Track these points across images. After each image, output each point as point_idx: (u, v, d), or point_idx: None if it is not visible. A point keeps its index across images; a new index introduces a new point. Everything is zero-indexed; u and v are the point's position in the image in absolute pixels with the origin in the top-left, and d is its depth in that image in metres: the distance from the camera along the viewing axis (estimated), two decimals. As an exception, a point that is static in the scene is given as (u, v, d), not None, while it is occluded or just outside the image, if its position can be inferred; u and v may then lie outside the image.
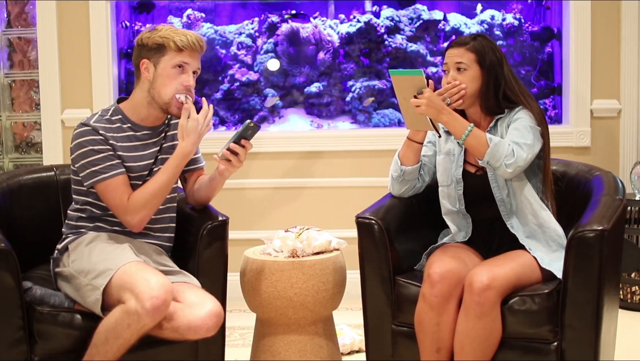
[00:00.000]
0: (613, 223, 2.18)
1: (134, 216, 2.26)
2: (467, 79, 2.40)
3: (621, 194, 2.35)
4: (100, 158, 2.26)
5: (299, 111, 4.10)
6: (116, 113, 2.36)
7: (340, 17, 4.08)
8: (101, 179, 2.25)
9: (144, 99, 2.34)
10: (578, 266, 2.16)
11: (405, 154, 2.51)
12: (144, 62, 2.32)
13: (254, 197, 3.89)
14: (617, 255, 2.34)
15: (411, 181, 2.54)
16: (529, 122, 2.36)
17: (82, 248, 2.28)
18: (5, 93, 4.07)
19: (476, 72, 2.41)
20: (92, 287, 2.15)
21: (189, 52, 2.30)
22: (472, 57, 2.41)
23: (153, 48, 2.30)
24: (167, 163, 2.30)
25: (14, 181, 2.64)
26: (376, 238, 2.42)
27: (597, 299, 2.14)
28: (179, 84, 2.30)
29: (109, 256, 2.20)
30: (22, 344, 2.18)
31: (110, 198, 2.26)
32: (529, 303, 2.20)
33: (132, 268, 2.13)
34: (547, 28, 4.02)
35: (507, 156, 2.25)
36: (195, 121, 2.26)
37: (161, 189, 2.28)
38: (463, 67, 2.41)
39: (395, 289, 2.40)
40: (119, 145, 2.31)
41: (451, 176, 2.48)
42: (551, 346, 2.21)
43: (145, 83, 2.33)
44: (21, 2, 4.03)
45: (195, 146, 2.30)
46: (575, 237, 2.16)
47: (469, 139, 2.28)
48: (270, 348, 2.52)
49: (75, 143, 2.29)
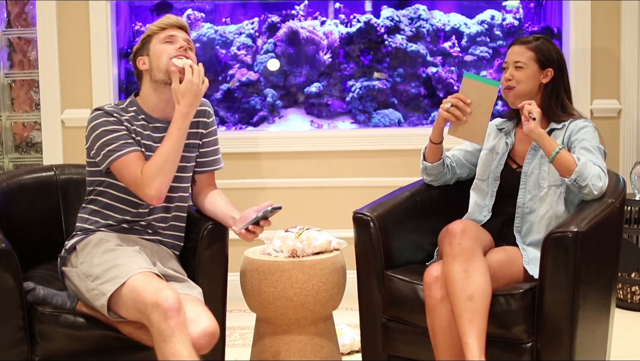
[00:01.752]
0: (592, 225, 2.17)
1: (151, 186, 2.23)
2: (524, 76, 2.45)
3: (615, 197, 2.33)
4: (114, 137, 2.28)
5: (299, 111, 4.10)
6: (132, 105, 2.40)
7: (341, 17, 4.08)
8: (116, 157, 2.26)
9: (149, 89, 2.39)
10: (553, 267, 2.16)
11: (428, 151, 2.61)
12: (139, 60, 2.40)
13: (254, 197, 3.89)
14: (606, 256, 2.33)
15: (436, 174, 2.64)
16: (597, 142, 2.40)
17: (90, 248, 2.27)
18: (5, 93, 4.07)
19: (534, 71, 2.46)
20: (100, 292, 2.14)
21: (171, 28, 2.39)
22: (532, 56, 2.46)
23: (141, 45, 2.42)
24: (170, 128, 2.30)
25: (14, 181, 2.64)
26: (371, 234, 2.45)
27: (572, 301, 2.14)
28: (171, 50, 2.35)
29: (117, 262, 2.18)
30: (23, 344, 2.18)
31: (126, 175, 2.26)
32: (503, 303, 2.20)
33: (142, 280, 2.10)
34: (547, 28, 4.02)
35: (594, 177, 2.27)
36: (189, 83, 2.27)
37: (170, 153, 2.27)
38: (520, 65, 2.45)
39: (386, 283, 2.42)
40: (133, 129, 2.33)
41: (490, 172, 2.53)
42: (526, 345, 2.21)
43: (146, 75, 2.39)
44: (21, 2, 4.03)
45: (192, 107, 2.29)
46: (550, 238, 2.16)
47: (559, 157, 2.30)
48: (270, 348, 2.52)
49: (89, 128, 2.32)
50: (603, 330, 2.35)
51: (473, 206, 2.58)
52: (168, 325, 1.99)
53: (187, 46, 2.37)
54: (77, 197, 2.69)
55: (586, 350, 2.24)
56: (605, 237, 2.31)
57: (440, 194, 2.72)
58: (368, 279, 2.47)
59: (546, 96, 2.47)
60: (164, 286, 2.06)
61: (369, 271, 2.46)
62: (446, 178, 2.67)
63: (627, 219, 3.53)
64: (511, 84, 2.47)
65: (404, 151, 3.87)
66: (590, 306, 2.23)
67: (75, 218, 2.44)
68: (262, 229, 2.32)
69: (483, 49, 4.04)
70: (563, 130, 2.45)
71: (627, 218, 3.53)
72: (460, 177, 2.71)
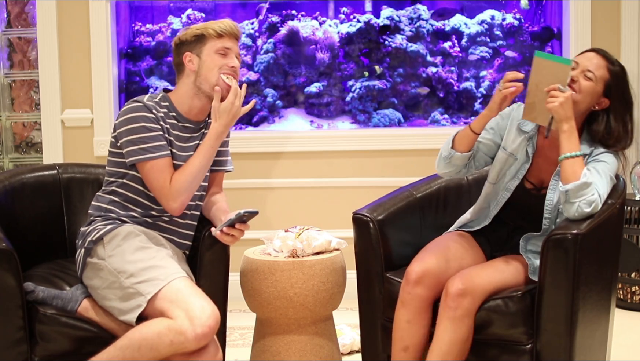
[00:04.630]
0: (592, 226, 2.15)
1: (177, 200, 2.26)
2: (588, 89, 2.25)
3: (615, 197, 2.31)
4: (150, 137, 2.26)
5: (299, 111, 4.10)
6: (164, 100, 2.37)
7: (341, 17, 4.08)
8: (148, 158, 2.25)
9: (190, 91, 2.36)
10: (552, 269, 2.15)
11: (460, 139, 2.37)
12: (187, 55, 2.35)
13: (254, 197, 3.89)
14: (606, 257, 2.32)
15: (458, 165, 2.41)
16: (612, 170, 2.26)
17: (119, 241, 2.24)
18: (5, 93, 4.07)
19: (598, 91, 2.27)
20: (136, 292, 2.11)
21: (228, 37, 2.36)
22: (605, 77, 2.27)
23: (193, 40, 2.35)
24: (202, 145, 2.31)
25: (16, 179, 2.63)
26: (371, 234, 2.44)
27: (572, 303, 2.13)
28: (223, 65, 2.33)
29: (154, 263, 2.16)
30: (23, 344, 2.17)
31: (154, 179, 2.25)
32: (502, 305, 2.19)
33: (184, 285, 2.10)
34: (547, 28, 4.02)
35: (586, 203, 2.14)
36: (230, 104, 2.28)
37: (199, 171, 2.29)
38: (590, 77, 2.25)
39: (385, 286, 2.42)
40: (166, 127, 2.32)
41: (504, 181, 2.39)
42: (526, 347, 2.20)
43: (190, 76, 2.36)
44: (21, 2, 4.03)
45: (228, 128, 2.31)
46: (550, 239, 2.14)
47: (570, 161, 2.16)
48: (270, 348, 2.52)
49: (126, 118, 2.27)
50: (603, 330, 2.35)
51: (478, 211, 2.47)
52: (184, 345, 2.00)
53: (238, 65, 2.37)
54: (80, 196, 2.68)
55: (586, 350, 2.24)
56: (605, 238, 2.29)
57: (440, 195, 2.72)
58: (368, 280, 2.47)
59: (597, 120, 2.29)
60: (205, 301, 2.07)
61: (369, 272, 2.46)
62: (462, 172, 2.45)
63: (627, 219, 3.53)
64: (573, 86, 2.25)
65: (404, 151, 3.87)
66: (590, 307, 2.22)
67: (77, 217, 2.43)
68: (240, 233, 2.29)
69: (483, 49, 4.04)
70: (590, 155, 2.29)
71: (627, 218, 3.53)
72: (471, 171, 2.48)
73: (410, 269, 2.26)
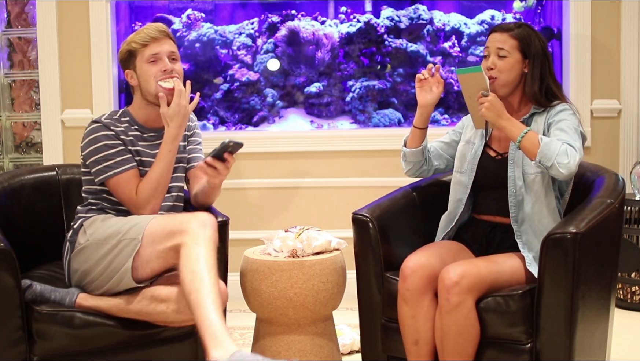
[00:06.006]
0: (591, 226, 2.16)
1: (146, 208, 2.33)
2: (506, 66, 2.39)
3: (614, 197, 2.32)
4: (112, 153, 2.34)
5: (299, 111, 4.10)
6: (124, 115, 2.45)
7: (341, 17, 4.08)
8: (113, 175, 2.33)
9: (141, 103, 2.45)
10: (551, 268, 2.15)
11: (410, 137, 2.62)
12: (127, 73, 2.44)
13: (254, 197, 3.89)
14: (606, 256, 2.32)
15: (414, 162, 2.61)
16: (574, 123, 2.34)
17: (99, 223, 2.32)
18: (5, 93, 4.07)
19: (517, 60, 2.40)
20: (128, 240, 2.19)
21: (152, 42, 2.39)
22: (515, 44, 2.40)
23: (126, 58, 2.42)
24: (160, 150, 2.37)
25: (16, 180, 2.64)
26: (370, 234, 2.45)
27: (571, 302, 2.13)
28: (156, 72, 2.37)
29: (131, 220, 2.25)
30: (21, 344, 2.17)
31: (121, 193, 2.34)
32: (501, 303, 2.20)
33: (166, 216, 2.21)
34: (547, 28, 4.02)
35: (559, 155, 2.20)
36: (177, 106, 2.34)
37: (162, 176, 2.35)
38: (503, 54, 2.39)
39: (385, 286, 2.42)
40: (129, 140, 2.39)
41: (466, 163, 2.50)
42: (525, 346, 2.20)
43: (136, 90, 2.45)
44: (21, 2, 4.03)
45: (181, 128, 2.37)
46: (549, 239, 2.15)
47: (523, 141, 2.25)
48: (270, 348, 2.52)
49: (88, 140, 2.37)
50: (603, 330, 2.35)
51: (454, 203, 2.53)
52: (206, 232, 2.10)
53: (172, 66, 2.39)
54: (79, 197, 2.68)
55: (586, 350, 2.24)
56: (605, 237, 2.30)
57: (440, 195, 2.72)
58: (367, 280, 2.47)
59: (529, 82, 2.41)
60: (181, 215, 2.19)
61: (369, 272, 2.46)
62: (423, 169, 2.64)
63: (627, 219, 3.53)
64: (493, 74, 2.39)
65: (404, 151, 3.86)
66: (590, 306, 2.22)
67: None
68: (225, 167, 2.31)
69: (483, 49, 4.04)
70: (544, 114, 2.40)
71: (627, 218, 3.53)
72: (438, 169, 2.66)
73: (404, 265, 2.30)
